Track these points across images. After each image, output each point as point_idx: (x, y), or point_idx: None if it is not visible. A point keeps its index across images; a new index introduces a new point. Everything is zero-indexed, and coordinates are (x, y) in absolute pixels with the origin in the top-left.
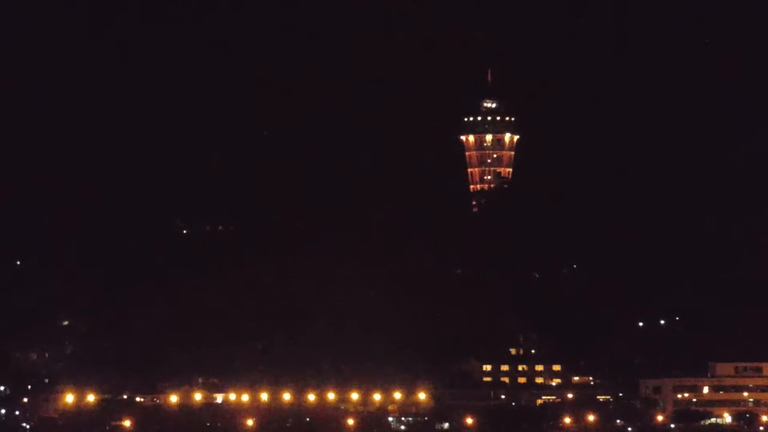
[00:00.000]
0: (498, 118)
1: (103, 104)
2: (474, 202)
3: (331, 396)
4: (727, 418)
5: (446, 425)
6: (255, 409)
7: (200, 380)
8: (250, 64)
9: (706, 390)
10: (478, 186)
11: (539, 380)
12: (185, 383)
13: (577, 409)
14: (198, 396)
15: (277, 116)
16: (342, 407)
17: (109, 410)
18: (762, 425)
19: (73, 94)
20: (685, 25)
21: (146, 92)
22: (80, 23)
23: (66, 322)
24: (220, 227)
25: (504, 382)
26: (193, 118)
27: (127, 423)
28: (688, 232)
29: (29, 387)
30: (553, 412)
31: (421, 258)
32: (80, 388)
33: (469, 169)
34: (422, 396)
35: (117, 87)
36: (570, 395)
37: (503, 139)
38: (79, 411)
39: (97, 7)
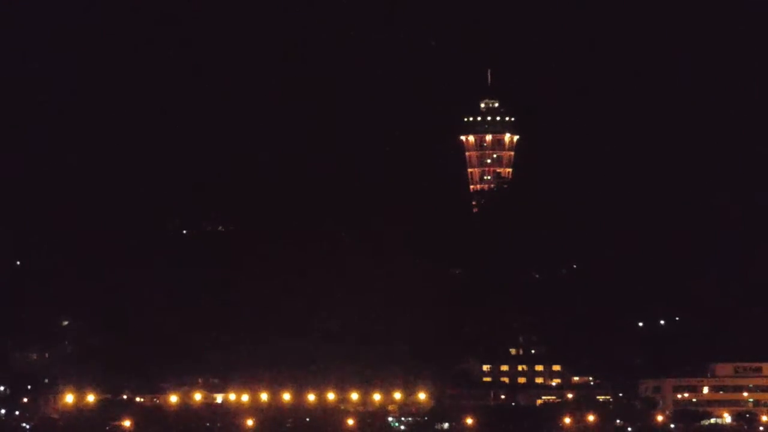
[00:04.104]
0: (498, 118)
1: (104, 104)
2: (474, 202)
3: (331, 396)
4: (727, 418)
5: (446, 425)
6: (255, 409)
7: (200, 380)
8: (251, 64)
9: (706, 390)
10: (478, 186)
11: (539, 380)
12: (185, 383)
13: (577, 409)
14: (198, 396)
15: (276, 116)
16: (342, 407)
17: (109, 410)
18: (762, 425)
19: (74, 94)
20: (685, 25)
21: (146, 92)
22: (80, 22)
23: (66, 322)
24: (220, 227)
25: (504, 382)
26: (194, 117)
27: (127, 423)
28: (688, 232)
29: (29, 387)
30: (553, 412)
31: (420, 258)
32: (80, 388)
33: (469, 169)
34: (422, 396)
35: (117, 87)
36: (570, 395)
37: (503, 139)
38: (79, 411)
39: (98, 7)
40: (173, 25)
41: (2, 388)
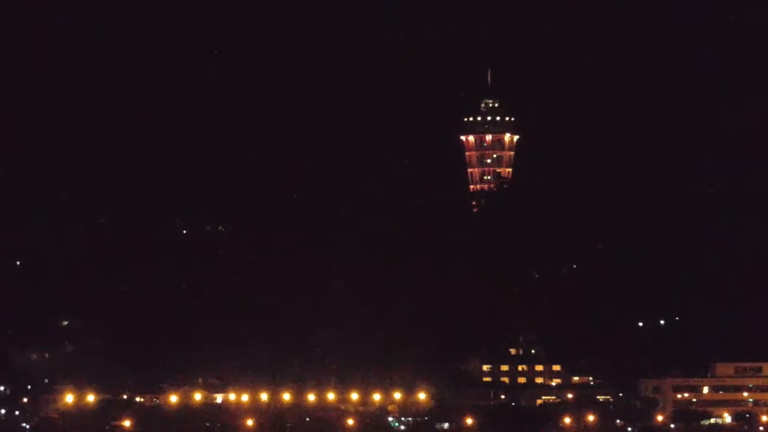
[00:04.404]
0: (498, 118)
1: (104, 104)
2: (474, 202)
3: (331, 396)
4: (727, 418)
5: (446, 425)
6: (255, 409)
7: (200, 380)
8: (250, 64)
9: (706, 390)
10: (478, 186)
11: (539, 380)
12: (185, 383)
13: (577, 409)
14: (198, 396)
15: (276, 116)
16: (342, 407)
17: (109, 410)
18: (762, 425)
19: (74, 94)
20: (684, 26)
21: (146, 92)
22: (81, 21)
23: (66, 322)
24: (220, 227)
25: (504, 382)
26: (194, 117)
27: (127, 423)
28: (688, 232)
29: (29, 387)
30: (553, 412)
31: (420, 258)
32: (80, 388)
33: (469, 169)
34: (422, 396)
35: (117, 87)
36: (570, 395)
37: (503, 139)
38: (79, 411)
39: (99, 6)
40: (174, 25)
41: (2, 388)
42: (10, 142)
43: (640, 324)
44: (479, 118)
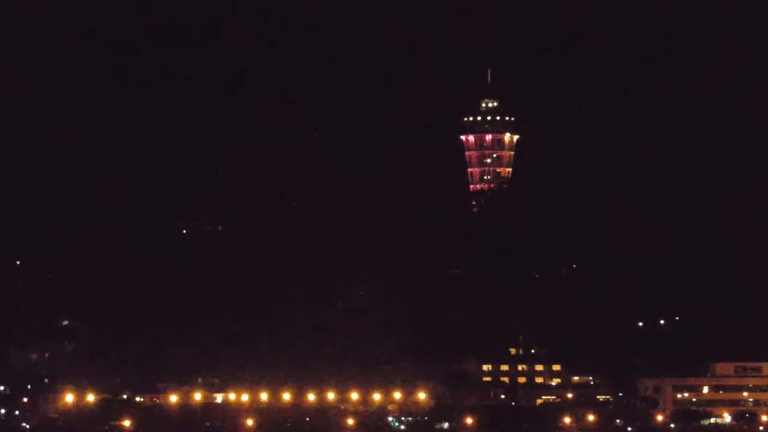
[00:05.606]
0: (498, 118)
1: (104, 104)
2: (474, 202)
3: (331, 396)
4: (727, 418)
5: (446, 425)
6: (255, 409)
7: (200, 380)
8: (251, 63)
9: (706, 390)
10: (478, 186)
11: (539, 380)
12: (185, 383)
13: (577, 409)
14: (198, 396)
15: (276, 116)
16: (342, 407)
17: (109, 410)
18: (762, 425)
19: (74, 94)
20: (684, 25)
21: (146, 92)
22: (80, 21)
23: (66, 322)
24: (220, 227)
25: (504, 382)
26: (194, 117)
27: (127, 423)
28: (688, 232)
29: (29, 387)
30: (553, 412)
31: (420, 258)
32: (80, 388)
33: (469, 169)
34: (422, 396)
35: (117, 87)
36: (570, 395)
37: (503, 139)
38: (79, 411)
39: (100, 7)
40: (172, 25)
41: (2, 388)
42: (10, 141)
43: (640, 324)
44: (479, 118)
